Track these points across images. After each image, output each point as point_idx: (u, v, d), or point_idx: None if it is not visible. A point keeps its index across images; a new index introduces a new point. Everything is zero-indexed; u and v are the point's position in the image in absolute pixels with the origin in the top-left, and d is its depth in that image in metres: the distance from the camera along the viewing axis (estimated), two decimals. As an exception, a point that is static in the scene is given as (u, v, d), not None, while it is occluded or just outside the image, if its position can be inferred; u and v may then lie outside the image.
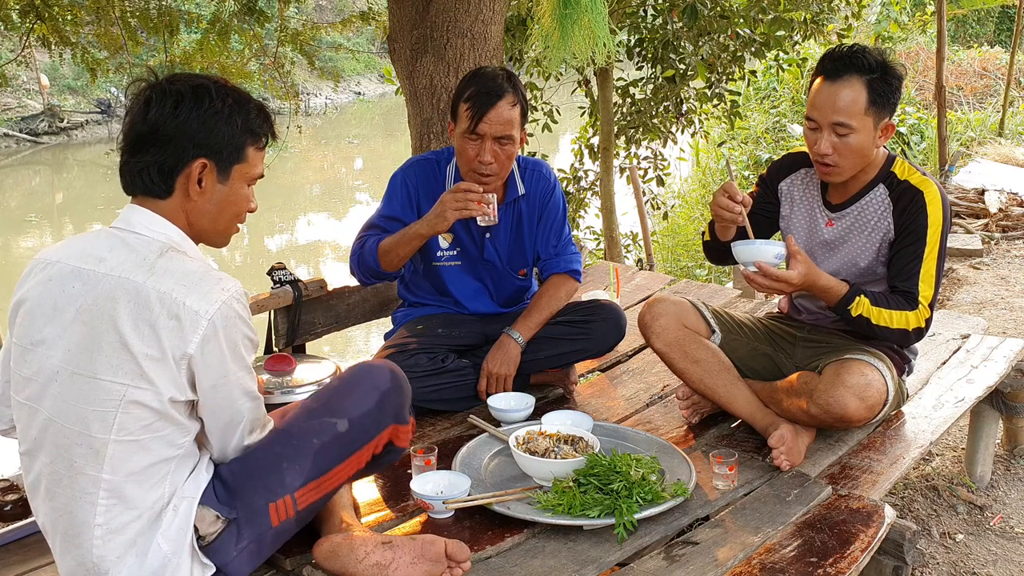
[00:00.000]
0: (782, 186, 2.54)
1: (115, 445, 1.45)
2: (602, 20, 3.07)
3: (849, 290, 2.24)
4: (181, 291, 1.45)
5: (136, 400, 1.44)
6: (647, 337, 2.51)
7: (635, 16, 6.21)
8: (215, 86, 1.58)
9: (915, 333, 2.27)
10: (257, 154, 1.63)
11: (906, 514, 2.85)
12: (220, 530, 1.54)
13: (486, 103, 2.49)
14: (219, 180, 1.58)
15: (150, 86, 1.56)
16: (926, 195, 2.29)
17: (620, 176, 6.94)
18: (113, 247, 1.51)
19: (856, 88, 2.22)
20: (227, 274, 1.53)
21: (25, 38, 5.49)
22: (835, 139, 2.25)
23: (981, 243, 6.19)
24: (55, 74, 15.87)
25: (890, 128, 2.29)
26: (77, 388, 1.45)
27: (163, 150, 1.52)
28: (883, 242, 2.36)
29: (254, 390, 1.60)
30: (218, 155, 1.56)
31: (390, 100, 19.60)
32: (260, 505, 1.57)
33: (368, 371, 1.74)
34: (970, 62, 13.54)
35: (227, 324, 1.47)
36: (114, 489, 1.46)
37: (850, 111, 2.22)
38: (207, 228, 1.62)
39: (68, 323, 1.47)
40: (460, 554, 1.81)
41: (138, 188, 1.56)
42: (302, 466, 1.60)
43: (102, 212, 12.78)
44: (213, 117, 1.54)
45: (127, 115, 1.56)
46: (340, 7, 18.20)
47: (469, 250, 2.75)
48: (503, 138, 2.52)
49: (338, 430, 1.64)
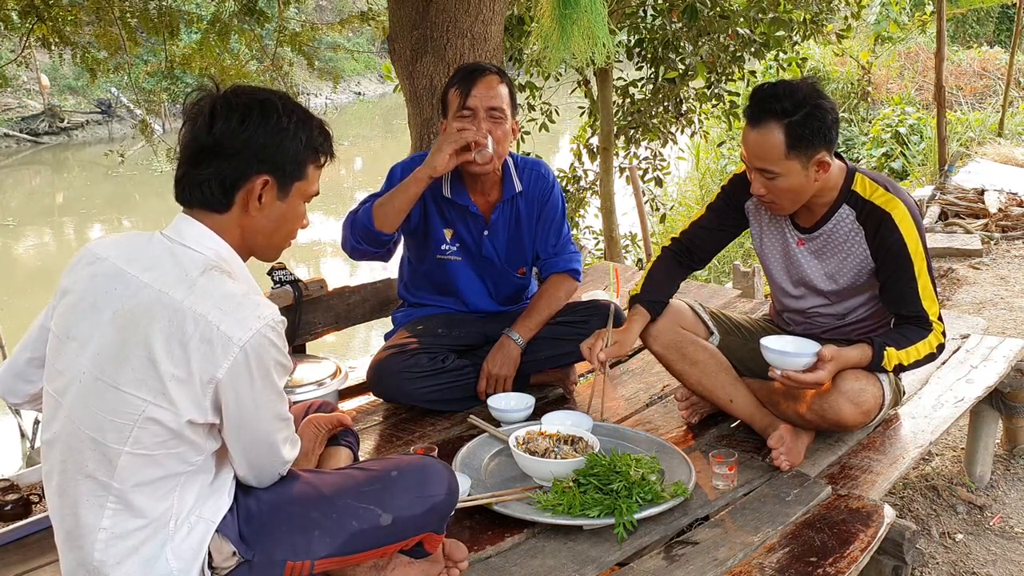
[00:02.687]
0: (748, 205, 2.49)
1: (128, 456, 1.44)
2: (601, 20, 3.07)
3: (874, 352, 2.20)
4: (217, 315, 1.42)
5: (154, 417, 1.43)
6: (645, 340, 2.51)
7: (635, 16, 6.21)
8: (282, 102, 1.56)
9: (939, 349, 2.28)
10: (316, 172, 1.63)
11: (906, 514, 2.85)
12: (233, 566, 1.53)
13: (471, 78, 2.54)
14: (279, 196, 1.57)
15: (214, 98, 1.54)
16: (895, 216, 2.23)
17: (619, 176, 6.95)
18: (160, 257, 1.50)
19: (774, 134, 2.15)
20: (266, 299, 1.51)
21: (25, 38, 5.50)
22: (765, 182, 2.23)
23: (981, 243, 6.18)
24: (55, 74, 15.88)
25: (825, 164, 2.19)
26: (99, 394, 1.45)
27: (226, 164, 1.51)
28: (863, 267, 2.32)
29: (284, 412, 1.57)
30: (280, 172, 1.55)
31: (390, 100, 19.60)
32: (279, 559, 1.55)
33: (428, 475, 1.71)
34: (970, 62, 13.54)
35: (260, 351, 1.45)
36: (122, 497, 1.46)
37: (769, 157, 2.17)
38: (261, 244, 1.61)
39: (103, 325, 1.46)
40: (457, 554, 1.82)
41: (195, 200, 1.54)
42: (333, 540, 1.58)
43: (102, 212, 12.78)
44: (280, 133, 1.53)
45: (188, 126, 1.53)
46: (340, 7, 18.20)
47: (469, 247, 2.75)
48: (494, 110, 2.54)
49: (380, 523, 1.62)
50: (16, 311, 8.08)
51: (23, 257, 11.14)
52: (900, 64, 13.63)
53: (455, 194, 2.67)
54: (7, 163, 14.96)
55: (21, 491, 2.09)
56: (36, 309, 1.72)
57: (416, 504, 1.66)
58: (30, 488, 2.11)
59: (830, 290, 2.39)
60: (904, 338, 2.24)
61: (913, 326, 2.26)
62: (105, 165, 14.05)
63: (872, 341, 2.22)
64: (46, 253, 11.27)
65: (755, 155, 2.20)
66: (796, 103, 2.14)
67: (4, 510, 2.02)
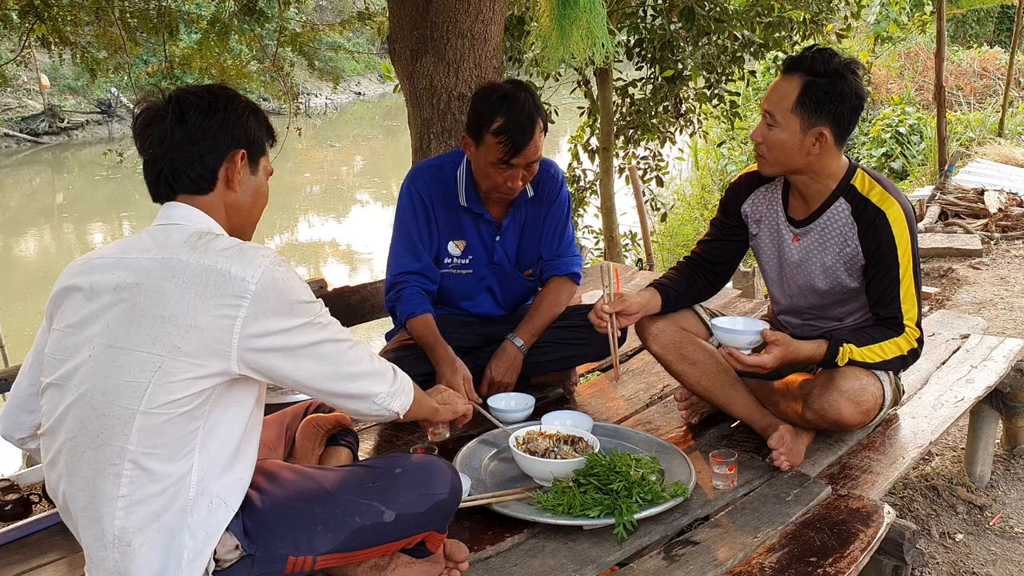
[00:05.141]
0: (745, 208, 2.50)
1: (143, 416, 1.45)
2: (601, 20, 3.07)
3: (829, 345, 2.20)
4: (224, 262, 1.49)
5: (169, 371, 1.45)
6: (644, 340, 2.51)
7: (634, 16, 6.21)
8: (227, 92, 1.69)
9: (911, 355, 2.26)
10: (269, 150, 1.76)
11: (906, 514, 2.85)
12: (235, 560, 1.54)
13: (522, 141, 2.44)
14: (251, 171, 1.68)
15: (172, 98, 1.63)
16: (889, 216, 2.23)
17: (619, 176, 6.95)
18: (155, 238, 1.57)
19: (792, 84, 2.20)
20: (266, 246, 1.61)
21: (25, 38, 5.50)
22: (764, 128, 2.26)
23: (981, 243, 6.18)
24: (55, 74, 15.88)
25: (823, 139, 2.20)
26: (111, 360, 1.47)
27: (206, 146, 1.61)
28: (852, 262, 2.31)
29: (334, 335, 1.61)
30: (251, 147, 1.67)
31: (390, 100, 19.62)
32: (281, 554, 1.56)
33: (433, 474, 1.72)
34: (970, 62, 13.55)
35: (276, 286, 1.51)
36: (138, 461, 1.46)
37: (779, 104, 2.22)
38: (243, 221, 1.70)
39: (108, 301, 1.50)
40: (459, 554, 1.82)
41: (181, 186, 1.62)
42: (335, 536, 1.60)
43: (102, 212, 12.79)
44: (243, 114, 1.66)
45: (152, 129, 1.61)
46: (340, 7, 18.21)
47: (480, 255, 2.72)
48: (532, 162, 2.52)
49: (383, 520, 1.63)
50: (16, 311, 8.09)
51: (23, 257, 11.14)
52: (900, 64, 13.63)
53: (471, 203, 2.65)
54: (7, 163, 14.96)
55: (21, 491, 2.09)
56: (36, 309, 1.73)
57: (419, 502, 1.67)
58: (30, 488, 2.11)
59: (825, 288, 2.38)
60: (869, 336, 2.23)
61: (883, 327, 2.26)
62: (105, 165, 14.06)
63: (830, 337, 2.23)
64: (46, 253, 11.28)
65: (769, 97, 2.25)
66: (828, 69, 2.18)
67: (4, 510, 2.02)
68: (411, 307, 2.58)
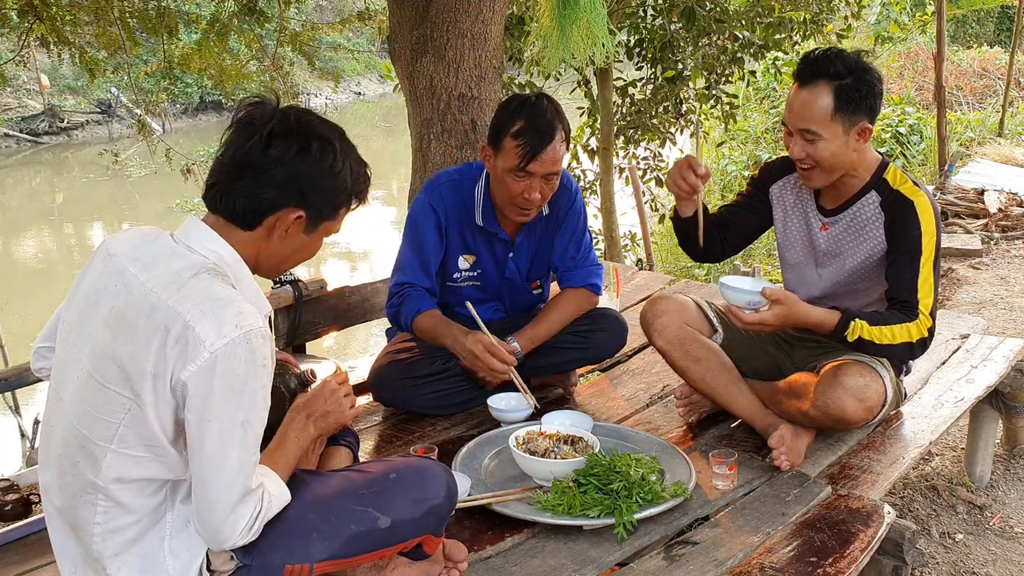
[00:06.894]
0: (773, 189, 2.53)
1: (113, 455, 1.44)
2: (601, 20, 3.07)
3: (841, 318, 2.19)
4: (196, 315, 1.39)
5: (138, 418, 1.43)
6: (648, 335, 2.51)
7: (635, 16, 6.21)
8: (340, 142, 1.57)
9: (919, 344, 2.22)
10: (345, 213, 1.63)
11: (906, 514, 2.85)
12: (231, 571, 1.53)
13: (539, 144, 2.40)
14: (305, 231, 1.57)
15: (275, 115, 1.52)
16: (917, 205, 2.25)
17: (619, 176, 6.95)
18: (160, 256, 1.49)
19: (823, 94, 2.20)
20: (253, 310, 1.44)
21: (24, 38, 5.49)
22: (805, 145, 2.25)
23: (981, 243, 6.18)
24: (55, 74, 15.87)
25: (867, 131, 2.24)
26: (90, 391, 1.45)
27: (267, 188, 1.49)
28: (873, 252, 2.33)
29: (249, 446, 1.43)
30: (315, 210, 1.55)
31: (390, 100, 19.60)
32: (277, 563, 1.54)
33: (426, 478, 1.70)
34: (970, 62, 13.53)
35: (231, 362, 1.38)
36: (109, 495, 1.46)
37: (816, 118, 2.21)
38: (272, 265, 1.60)
39: (99, 323, 1.46)
40: (458, 554, 1.82)
41: (222, 210, 1.52)
42: (331, 543, 1.58)
43: (102, 212, 12.78)
44: (329, 176, 1.53)
45: (239, 134, 1.51)
46: (340, 7, 18.20)
47: (490, 271, 2.71)
48: (552, 174, 2.47)
49: (378, 525, 1.62)
50: (16, 311, 8.08)
51: (23, 257, 11.13)
52: (900, 64, 13.62)
53: (486, 222, 2.63)
54: (7, 163, 14.95)
55: (21, 491, 2.09)
56: (35, 309, 1.73)
57: (414, 507, 1.66)
58: (30, 488, 2.11)
59: (846, 279, 2.39)
60: (881, 317, 2.22)
61: (898, 311, 2.24)
62: (105, 165, 14.03)
63: (845, 309, 2.22)
64: (46, 253, 11.27)
65: (800, 116, 2.23)
66: (847, 68, 2.19)
67: (4, 510, 2.02)
68: (417, 305, 2.57)
